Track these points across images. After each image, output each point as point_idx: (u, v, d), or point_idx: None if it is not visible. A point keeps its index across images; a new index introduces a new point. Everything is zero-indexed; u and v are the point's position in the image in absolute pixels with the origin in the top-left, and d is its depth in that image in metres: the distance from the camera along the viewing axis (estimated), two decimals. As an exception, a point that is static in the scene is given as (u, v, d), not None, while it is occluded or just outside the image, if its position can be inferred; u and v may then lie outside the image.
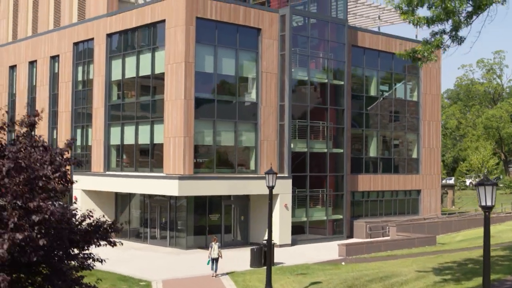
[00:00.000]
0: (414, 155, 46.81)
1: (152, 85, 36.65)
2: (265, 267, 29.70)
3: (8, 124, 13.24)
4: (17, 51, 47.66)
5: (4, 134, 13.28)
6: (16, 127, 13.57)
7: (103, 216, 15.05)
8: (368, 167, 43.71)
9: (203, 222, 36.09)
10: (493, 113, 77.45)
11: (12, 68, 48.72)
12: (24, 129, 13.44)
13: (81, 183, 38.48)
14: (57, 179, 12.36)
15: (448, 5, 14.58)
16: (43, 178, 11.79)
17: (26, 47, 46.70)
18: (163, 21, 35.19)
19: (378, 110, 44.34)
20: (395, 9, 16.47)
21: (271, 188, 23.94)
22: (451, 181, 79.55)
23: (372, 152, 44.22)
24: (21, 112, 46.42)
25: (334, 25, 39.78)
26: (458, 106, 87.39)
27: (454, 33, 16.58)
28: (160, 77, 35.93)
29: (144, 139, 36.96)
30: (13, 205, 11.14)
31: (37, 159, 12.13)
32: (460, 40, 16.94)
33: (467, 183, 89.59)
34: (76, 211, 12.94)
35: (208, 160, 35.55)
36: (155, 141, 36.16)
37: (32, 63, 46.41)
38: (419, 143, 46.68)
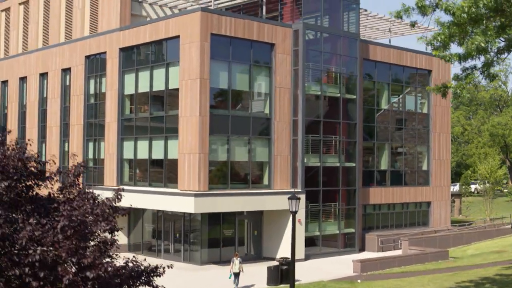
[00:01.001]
0: (424, 167, 46.90)
1: (166, 100, 36.70)
2: (282, 286, 29.94)
3: (56, 173, 13.36)
4: (28, 63, 47.71)
5: (53, 184, 13.40)
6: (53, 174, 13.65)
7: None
8: (379, 180, 43.80)
9: (217, 236, 36.17)
10: (498, 120, 77.58)
11: (23, 79, 48.76)
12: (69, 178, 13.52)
13: (94, 197, 38.59)
14: (108, 232, 12.45)
15: (481, 43, 14.63)
16: (96, 233, 11.88)
17: (37, 59, 46.75)
18: (177, 36, 35.25)
19: (389, 122, 44.43)
20: (426, 44, 16.51)
21: (294, 213, 23.95)
22: (456, 187, 79.58)
23: (383, 164, 44.31)
24: (32, 124, 46.59)
25: (346, 39, 39.87)
26: (463, 112, 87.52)
27: (485, 69, 16.65)
28: (174, 93, 36.00)
29: (157, 154, 37.02)
30: (68, 261, 11.21)
31: (88, 211, 12.21)
32: (492, 77, 17.03)
33: (472, 189, 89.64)
34: (127, 264, 12.94)
35: (222, 175, 35.61)
36: (169, 157, 36.22)
37: (43, 75, 46.44)
38: (429, 155, 46.78)
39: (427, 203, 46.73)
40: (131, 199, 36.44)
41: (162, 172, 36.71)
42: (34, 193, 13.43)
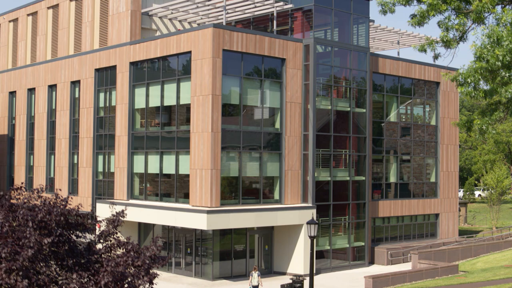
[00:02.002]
0: (433, 179, 46.99)
1: (177, 115, 36.76)
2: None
3: (95, 221, 13.52)
4: (36, 74, 47.76)
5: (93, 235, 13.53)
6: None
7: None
8: (388, 193, 43.90)
9: (228, 251, 36.23)
10: (503, 128, 77.68)
11: (31, 90, 48.82)
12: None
13: (105, 212, 38.71)
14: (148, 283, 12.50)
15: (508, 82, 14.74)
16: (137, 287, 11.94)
17: (46, 70, 46.80)
18: (189, 52, 35.32)
19: (398, 135, 44.53)
20: (451, 81, 16.54)
21: (312, 238, 24.00)
22: (460, 193, 79.71)
23: (392, 177, 44.40)
24: (40, 135, 46.62)
25: (356, 53, 39.95)
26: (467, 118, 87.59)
27: (510, 105, 16.72)
28: (186, 108, 36.07)
29: (169, 169, 37.08)
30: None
31: (129, 263, 12.25)
32: (517, 113, 17.11)
33: (476, 195, 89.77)
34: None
35: (234, 191, 35.69)
36: (181, 172, 36.28)
37: (52, 87, 46.51)
38: (437, 167, 46.87)
39: (435, 215, 46.83)
40: (142, 214, 36.66)
41: (173, 187, 36.77)
42: (72, 243, 13.51)
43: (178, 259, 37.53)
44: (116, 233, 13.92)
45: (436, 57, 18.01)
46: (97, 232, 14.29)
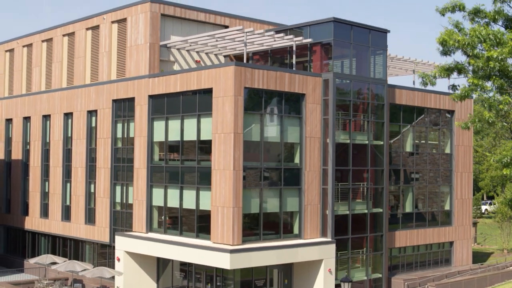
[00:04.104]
0: (447, 207, 47.17)
1: (197, 151, 36.85)
2: None
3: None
4: (51, 101, 47.85)
5: None
6: None
7: None
8: (404, 223, 44.07)
9: (249, 285, 36.34)
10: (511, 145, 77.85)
11: (46, 117, 48.89)
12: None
13: (124, 244, 38.86)
14: None
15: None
16: None
17: (61, 98, 46.88)
18: (210, 89, 35.43)
19: (414, 164, 44.70)
20: (463, 127, 16.89)
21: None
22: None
23: (408, 207, 44.59)
24: (56, 163, 46.72)
25: (374, 86, 40.10)
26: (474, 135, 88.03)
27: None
28: (207, 144, 36.19)
29: (189, 204, 37.17)
30: None
31: None
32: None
33: (483, 210, 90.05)
34: None
35: (255, 227, 35.82)
36: (201, 207, 36.39)
37: (68, 115, 46.60)
38: (452, 194, 47.04)
39: (450, 243, 47.01)
40: (162, 249, 36.79)
41: (194, 222, 36.88)
42: None
43: (197, 293, 37.67)
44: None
45: (454, 87, 18.23)
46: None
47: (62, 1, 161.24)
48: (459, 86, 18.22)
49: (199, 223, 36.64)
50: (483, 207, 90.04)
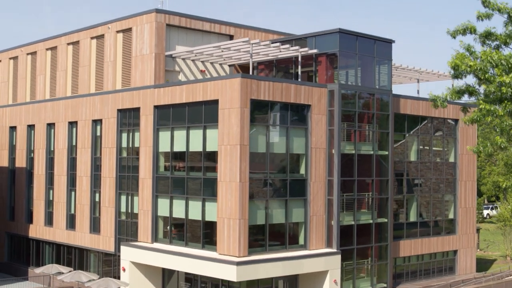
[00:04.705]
0: (451, 216, 47.26)
1: (203, 162, 36.89)
2: None
3: None
4: (56, 110, 47.89)
5: None
6: None
7: None
8: (408, 232, 44.15)
9: (254, 297, 36.44)
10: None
11: (50, 125, 48.93)
12: None
13: (130, 254, 38.91)
14: None
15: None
16: None
17: (66, 106, 46.92)
18: (216, 100, 35.48)
19: (418, 173, 44.79)
20: (474, 151, 17.03)
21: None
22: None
23: (412, 216, 44.68)
24: (60, 171, 46.78)
25: (379, 96, 40.18)
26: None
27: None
28: (212, 155, 36.24)
29: (195, 215, 37.21)
30: None
31: None
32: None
33: (485, 214, 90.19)
34: None
35: (260, 238, 35.88)
36: (207, 218, 36.44)
37: (72, 124, 46.63)
38: (456, 203, 47.13)
39: (454, 251, 47.10)
40: (168, 260, 36.84)
41: (199, 233, 36.93)
42: None
43: (202, 303, 37.71)
44: None
45: (465, 109, 18.23)
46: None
47: (62, 1, 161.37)
48: (469, 108, 18.29)
49: (205, 234, 36.70)
50: (485, 212, 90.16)
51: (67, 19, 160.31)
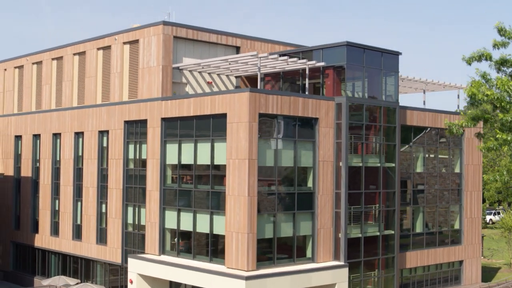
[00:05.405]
0: (457, 226, 47.35)
1: (211, 175, 36.94)
2: None
3: None
4: (62, 120, 47.94)
5: None
6: None
7: None
8: (415, 244, 44.23)
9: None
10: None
11: (56, 135, 48.99)
12: None
13: (137, 267, 38.97)
14: None
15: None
16: None
17: (72, 117, 46.97)
18: (224, 114, 35.53)
19: (424, 184, 44.87)
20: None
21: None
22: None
23: (418, 228, 44.75)
24: (66, 182, 46.84)
25: (386, 109, 40.24)
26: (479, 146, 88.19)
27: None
28: (220, 169, 36.29)
29: (202, 228, 37.27)
30: None
31: None
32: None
33: (487, 219, 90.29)
34: None
35: (268, 251, 35.94)
36: (215, 232, 36.50)
37: (78, 134, 46.69)
38: (461, 214, 47.22)
39: (459, 262, 47.19)
40: (175, 273, 36.89)
41: (207, 246, 36.99)
42: None
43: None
44: None
45: (480, 135, 18.33)
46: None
47: (62, 1, 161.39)
48: (485, 134, 18.39)
49: (213, 247, 36.76)
50: (488, 217, 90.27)
51: (67, 19, 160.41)
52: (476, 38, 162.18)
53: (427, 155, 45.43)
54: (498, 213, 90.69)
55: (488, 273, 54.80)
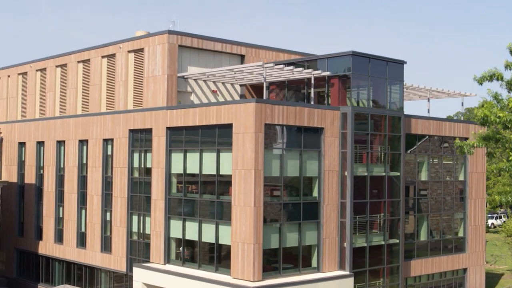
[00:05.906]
0: (461, 234, 47.37)
1: (217, 185, 36.94)
2: None
3: None
4: (66, 127, 47.94)
5: None
6: None
7: None
8: (419, 252, 44.24)
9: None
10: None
11: (60, 142, 48.99)
12: None
13: (142, 276, 38.98)
14: None
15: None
16: None
17: (76, 125, 46.98)
18: (230, 124, 35.54)
19: (428, 193, 44.89)
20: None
21: None
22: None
23: (423, 236, 44.76)
24: (71, 189, 46.84)
25: (391, 117, 40.27)
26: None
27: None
28: (226, 179, 36.29)
29: (208, 238, 37.28)
30: None
31: None
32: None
33: (489, 223, 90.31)
34: None
35: (274, 261, 35.94)
36: (221, 242, 36.52)
37: (83, 142, 46.70)
38: (466, 221, 47.23)
39: (463, 270, 47.21)
40: (181, 283, 36.89)
41: (213, 256, 37.00)
42: None
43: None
44: None
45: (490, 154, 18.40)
46: None
47: (62, 1, 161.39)
48: (495, 154, 18.44)
49: (218, 257, 36.77)
50: (490, 221, 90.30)
51: (67, 19, 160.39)
52: (476, 38, 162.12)
53: (432, 164, 45.44)
54: (500, 217, 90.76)
55: (491, 279, 54.82)
